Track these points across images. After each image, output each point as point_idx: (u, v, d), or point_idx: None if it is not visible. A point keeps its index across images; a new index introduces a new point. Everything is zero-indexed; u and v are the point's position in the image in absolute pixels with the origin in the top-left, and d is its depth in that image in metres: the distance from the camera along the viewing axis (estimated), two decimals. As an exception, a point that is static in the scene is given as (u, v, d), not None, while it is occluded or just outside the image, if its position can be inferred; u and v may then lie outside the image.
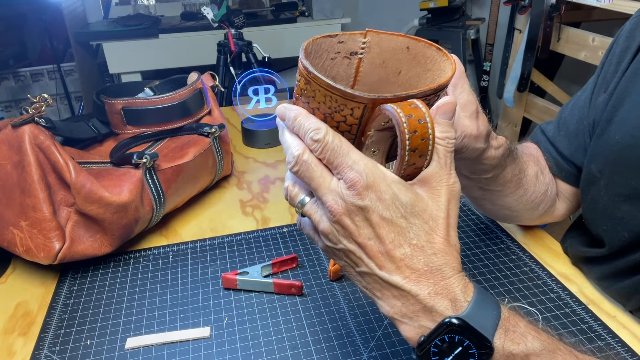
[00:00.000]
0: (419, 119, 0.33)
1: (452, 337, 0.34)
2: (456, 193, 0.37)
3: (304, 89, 0.37)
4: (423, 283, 0.35)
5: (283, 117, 0.39)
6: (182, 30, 2.39)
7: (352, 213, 0.35)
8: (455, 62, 0.39)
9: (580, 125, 0.63)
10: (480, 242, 0.70)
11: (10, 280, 0.67)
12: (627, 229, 0.54)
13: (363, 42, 0.43)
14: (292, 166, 0.37)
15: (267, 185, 0.88)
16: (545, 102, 2.03)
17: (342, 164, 0.35)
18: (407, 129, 0.33)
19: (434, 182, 0.36)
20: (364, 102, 0.34)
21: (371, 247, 0.36)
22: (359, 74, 0.44)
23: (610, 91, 0.58)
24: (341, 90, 0.34)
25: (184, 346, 0.54)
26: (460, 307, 0.35)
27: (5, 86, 2.60)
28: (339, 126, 0.36)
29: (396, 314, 0.36)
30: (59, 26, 2.40)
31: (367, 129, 0.36)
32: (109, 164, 0.71)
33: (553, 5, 1.79)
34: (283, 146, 0.38)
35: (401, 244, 0.35)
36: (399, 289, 0.36)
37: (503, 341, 0.35)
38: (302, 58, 0.37)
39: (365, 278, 0.37)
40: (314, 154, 0.36)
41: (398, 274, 0.35)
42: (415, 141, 0.34)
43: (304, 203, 0.39)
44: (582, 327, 0.55)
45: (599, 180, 0.58)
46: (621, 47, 0.59)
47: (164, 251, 0.71)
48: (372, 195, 0.35)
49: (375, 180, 0.35)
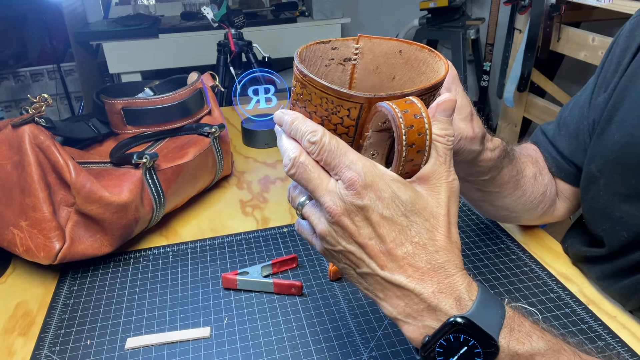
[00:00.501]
0: (414, 114, 0.33)
1: (457, 336, 0.34)
2: (455, 190, 0.37)
3: (300, 93, 0.37)
4: (426, 281, 0.35)
5: (280, 123, 0.39)
6: (182, 30, 2.39)
7: (352, 213, 0.35)
8: (448, 63, 0.39)
9: (580, 125, 0.63)
10: (480, 242, 0.70)
11: (10, 280, 0.67)
12: (627, 229, 0.54)
13: (356, 48, 0.43)
14: (288, 169, 0.36)
15: (267, 185, 0.88)
16: (545, 102, 2.03)
17: (339, 164, 0.35)
18: (404, 124, 0.33)
19: (433, 180, 0.36)
20: (360, 101, 0.34)
21: (372, 247, 0.35)
22: (353, 81, 0.44)
23: (610, 91, 0.58)
24: (337, 91, 0.34)
25: (184, 346, 0.54)
26: (465, 306, 0.35)
27: (5, 86, 2.60)
28: (336, 129, 0.36)
29: (399, 314, 0.36)
30: (59, 26, 2.40)
31: (365, 130, 0.36)
32: (109, 164, 0.71)
33: (553, 5, 1.79)
34: (280, 151, 0.38)
35: (403, 243, 0.35)
36: (402, 288, 0.35)
37: (508, 341, 0.35)
38: (297, 62, 0.37)
39: (366, 279, 0.37)
40: (311, 157, 0.36)
41: (401, 273, 0.35)
42: (412, 136, 0.34)
43: (304, 205, 0.39)
44: (582, 327, 0.55)
45: (599, 180, 0.58)
46: (621, 47, 0.59)
47: (164, 251, 0.71)
48: (371, 194, 0.34)
49: (374, 179, 0.34)
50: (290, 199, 0.40)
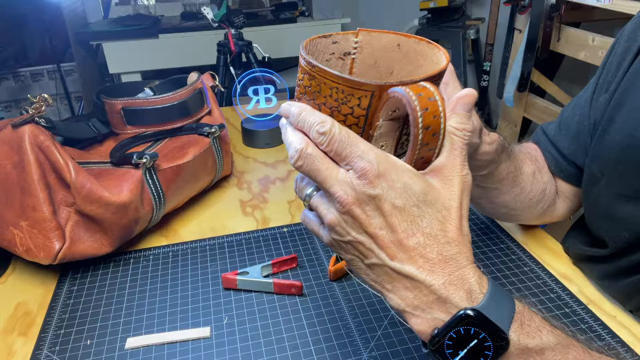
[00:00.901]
0: (428, 97, 0.33)
1: (467, 329, 0.34)
2: (469, 184, 0.37)
3: (308, 85, 0.37)
4: (437, 273, 0.34)
5: (287, 114, 0.38)
6: (182, 30, 2.39)
7: (363, 202, 0.35)
8: (447, 54, 0.39)
9: (581, 126, 0.63)
10: (480, 242, 0.70)
11: (10, 280, 0.67)
12: (628, 230, 0.54)
13: (355, 42, 0.43)
14: (295, 160, 0.36)
15: (267, 185, 0.88)
16: (545, 102, 2.03)
17: (351, 154, 0.34)
18: (419, 106, 0.33)
19: (446, 172, 0.36)
20: (371, 89, 0.34)
21: (382, 237, 0.35)
22: (352, 75, 0.44)
23: (611, 91, 0.58)
24: (348, 80, 0.34)
25: (184, 346, 0.54)
26: (475, 298, 0.34)
27: (5, 86, 2.60)
28: (346, 120, 0.36)
29: (408, 306, 0.36)
30: (59, 26, 2.40)
31: (375, 120, 0.36)
32: (109, 164, 0.71)
33: (553, 5, 1.79)
34: (285, 144, 0.38)
35: (414, 233, 0.35)
36: (412, 279, 0.35)
37: (519, 335, 0.34)
38: (305, 54, 0.37)
39: (374, 270, 0.37)
40: (319, 148, 0.35)
41: (411, 264, 0.35)
42: (428, 118, 0.34)
43: (311, 196, 0.38)
44: (582, 327, 0.55)
45: (600, 180, 0.58)
46: (622, 48, 0.60)
47: (164, 251, 0.71)
48: (383, 183, 0.34)
49: (386, 168, 0.34)
50: (298, 191, 0.40)
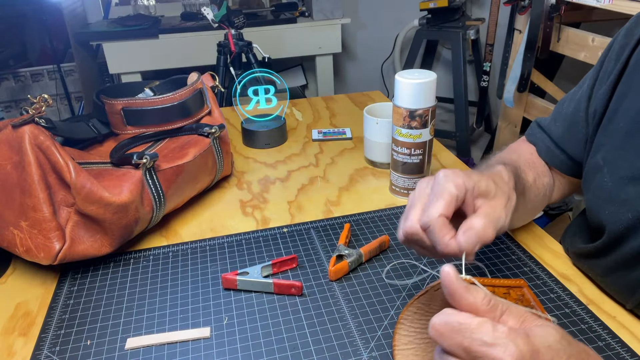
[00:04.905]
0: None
1: None
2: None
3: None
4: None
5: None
6: (182, 31, 2.39)
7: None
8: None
9: (575, 117, 0.66)
10: (480, 242, 0.70)
11: (11, 280, 0.67)
12: (631, 210, 0.55)
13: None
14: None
15: (267, 186, 0.89)
16: (545, 102, 2.03)
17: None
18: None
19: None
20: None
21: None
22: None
23: (610, 83, 0.61)
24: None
25: (184, 346, 0.54)
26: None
27: (5, 86, 2.60)
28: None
29: None
30: (59, 26, 2.40)
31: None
32: (109, 164, 0.71)
33: (553, 6, 1.79)
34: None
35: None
36: None
37: None
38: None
39: None
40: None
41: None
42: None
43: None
44: (582, 327, 0.55)
45: (603, 168, 0.60)
46: (620, 44, 0.62)
47: (164, 251, 0.71)
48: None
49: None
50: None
